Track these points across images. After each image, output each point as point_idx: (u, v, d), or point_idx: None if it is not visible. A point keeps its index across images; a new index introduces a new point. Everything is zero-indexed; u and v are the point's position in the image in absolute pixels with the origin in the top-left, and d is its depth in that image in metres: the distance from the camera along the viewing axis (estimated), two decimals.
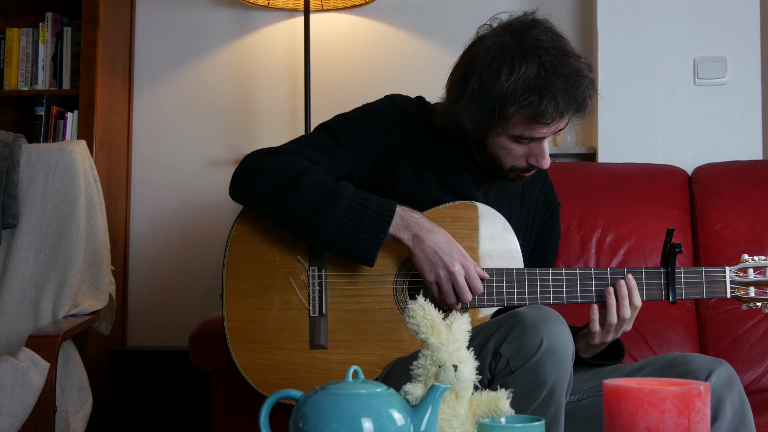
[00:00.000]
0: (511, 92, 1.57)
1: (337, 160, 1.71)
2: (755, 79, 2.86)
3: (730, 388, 1.54)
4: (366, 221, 1.60)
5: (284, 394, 1.17)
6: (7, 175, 2.29)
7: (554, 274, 1.68)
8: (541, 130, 1.63)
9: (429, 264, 1.61)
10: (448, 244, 1.62)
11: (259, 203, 1.68)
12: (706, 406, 1.07)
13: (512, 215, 1.81)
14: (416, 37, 3.18)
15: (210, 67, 3.25)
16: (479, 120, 1.63)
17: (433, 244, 1.61)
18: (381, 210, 1.61)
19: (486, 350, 1.48)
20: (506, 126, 1.62)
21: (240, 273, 1.70)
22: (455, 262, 1.60)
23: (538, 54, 1.59)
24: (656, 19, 2.89)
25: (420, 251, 1.61)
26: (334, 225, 1.60)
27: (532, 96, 1.57)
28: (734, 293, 1.71)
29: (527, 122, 1.62)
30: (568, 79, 1.58)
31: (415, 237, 1.61)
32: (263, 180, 1.67)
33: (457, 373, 1.21)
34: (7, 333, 2.23)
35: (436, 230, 1.62)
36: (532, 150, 1.67)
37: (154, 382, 2.90)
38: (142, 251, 3.24)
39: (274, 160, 1.68)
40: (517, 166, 1.71)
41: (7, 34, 3.16)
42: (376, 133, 1.74)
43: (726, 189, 2.48)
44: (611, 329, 1.66)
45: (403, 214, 1.63)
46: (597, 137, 2.89)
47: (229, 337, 1.67)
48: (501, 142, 1.67)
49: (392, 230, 1.62)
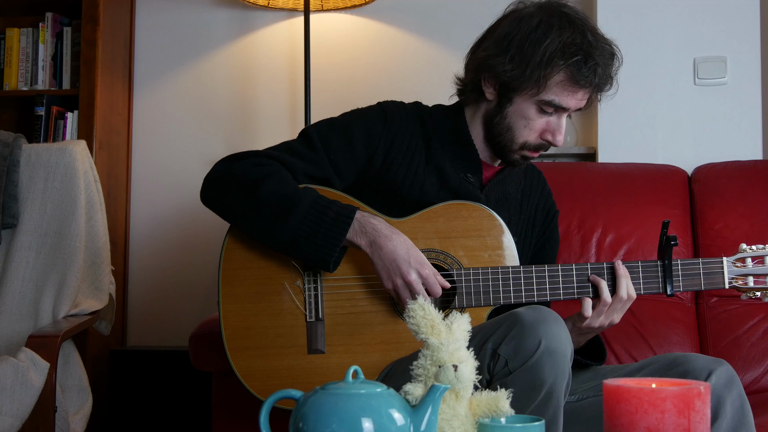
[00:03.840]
0: (560, 49, 1.63)
1: (314, 165, 1.71)
2: (755, 79, 2.86)
3: (730, 388, 1.54)
4: (324, 227, 1.59)
5: (284, 395, 1.17)
6: (7, 175, 2.29)
7: (550, 269, 1.68)
8: (572, 97, 1.67)
9: (386, 271, 1.60)
10: (407, 251, 1.60)
11: (224, 208, 1.68)
12: (706, 406, 1.07)
13: (511, 220, 1.80)
14: (416, 37, 3.17)
15: (210, 67, 3.25)
16: (519, 76, 1.65)
17: (390, 252, 1.59)
18: (339, 216, 1.60)
19: (484, 351, 1.48)
20: (544, 85, 1.65)
21: (235, 280, 1.69)
22: (411, 270, 1.59)
23: (582, 26, 1.67)
24: (656, 19, 2.89)
25: (378, 258, 1.60)
26: (292, 231, 1.60)
27: (578, 56, 1.64)
28: (732, 284, 1.70)
29: (565, 84, 1.66)
30: (604, 55, 1.67)
31: (373, 243, 1.60)
32: (228, 184, 1.67)
33: (457, 373, 1.21)
34: (7, 333, 2.23)
35: (395, 237, 1.60)
36: (550, 124, 1.70)
37: (154, 382, 2.90)
38: (142, 251, 3.24)
39: (241, 164, 1.68)
40: (529, 142, 1.72)
41: (7, 34, 3.16)
42: (358, 138, 1.74)
43: (726, 189, 2.48)
44: (603, 311, 1.65)
45: (363, 219, 1.61)
46: (597, 137, 2.89)
47: (227, 345, 1.67)
48: (525, 108, 1.69)
49: (350, 236, 1.60)
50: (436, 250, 1.70)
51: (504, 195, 1.82)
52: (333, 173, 1.73)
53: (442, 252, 1.70)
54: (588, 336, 1.72)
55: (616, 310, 1.66)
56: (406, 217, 1.71)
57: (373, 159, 1.74)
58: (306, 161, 1.70)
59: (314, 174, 1.71)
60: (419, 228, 1.70)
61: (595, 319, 1.65)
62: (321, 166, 1.72)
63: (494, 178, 1.80)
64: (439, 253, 1.70)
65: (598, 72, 1.66)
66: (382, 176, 1.74)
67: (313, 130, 1.76)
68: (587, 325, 1.66)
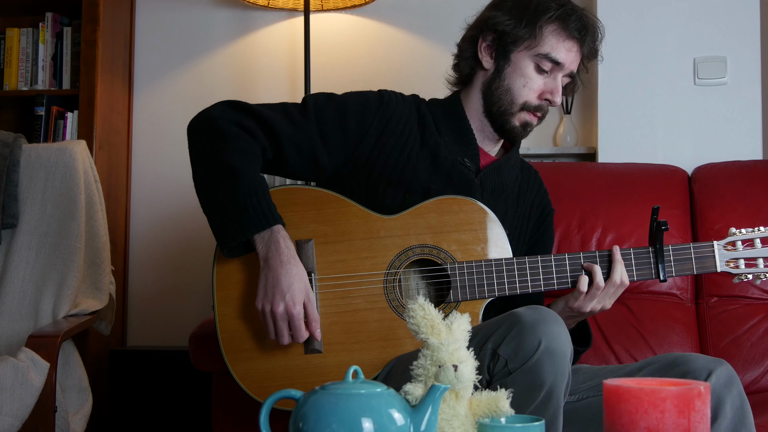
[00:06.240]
0: (550, 1, 1.77)
1: (302, 133, 1.73)
2: (755, 79, 2.86)
3: (730, 388, 1.54)
4: (243, 214, 1.60)
5: (284, 395, 1.17)
6: (7, 175, 2.29)
7: (543, 260, 1.70)
8: (565, 50, 1.76)
9: (263, 291, 1.60)
10: (289, 285, 1.58)
11: (191, 145, 1.73)
12: (706, 406, 1.07)
13: (507, 213, 1.82)
14: (416, 37, 3.18)
15: (210, 67, 3.25)
16: (515, 25, 1.76)
17: (275, 276, 1.59)
18: (262, 216, 1.61)
19: (484, 351, 1.48)
20: (540, 36, 1.74)
21: (230, 283, 1.69)
22: (281, 303, 1.58)
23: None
24: (656, 19, 2.89)
25: (264, 276, 1.61)
26: (217, 197, 1.63)
27: (567, 5, 1.77)
28: (724, 267, 1.72)
29: (557, 33, 1.75)
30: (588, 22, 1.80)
31: (266, 261, 1.60)
32: (206, 126, 1.72)
33: (457, 373, 1.21)
34: (7, 333, 2.23)
35: (289, 267, 1.59)
36: (548, 84, 1.77)
37: (154, 382, 2.90)
38: (142, 251, 3.24)
39: (231, 117, 1.71)
40: (529, 102, 1.77)
41: (7, 34, 3.16)
42: (352, 115, 1.76)
43: (726, 189, 2.48)
44: (596, 294, 1.67)
45: (276, 236, 1.61)
46: (597, 137, 2.89)
47: (224, 348, 1.67)
48: (524, 66, 1.76)
49: (256, 238, 1.61)
50: (428, 245, 1.70)
51: (500, 186, 1.83)
52: (321, 145, 1.74)
53: (434, 247, 1.70)
54: (577, 320, 1.76)
55: (609, 295, 1.69)
56: (397, 213, 1.72)
57: (365, 138, 1.76)
58: (296, 127, 1.72)
59: (300, 144, 1.73)
60: (411, 224, 1.71)
61: (588, 303, 1.68)
62: (309, 136, 1.73)
63: (490, 166, 1.81)
64: (432, 248, 1.70)
65: (587, 27, 1.77)
66: (374, 158, 1.76)
67: (311, 99, 1.79)
68: (578, 308, 1.69)
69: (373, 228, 1.71)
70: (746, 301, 2.37)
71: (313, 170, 1.77)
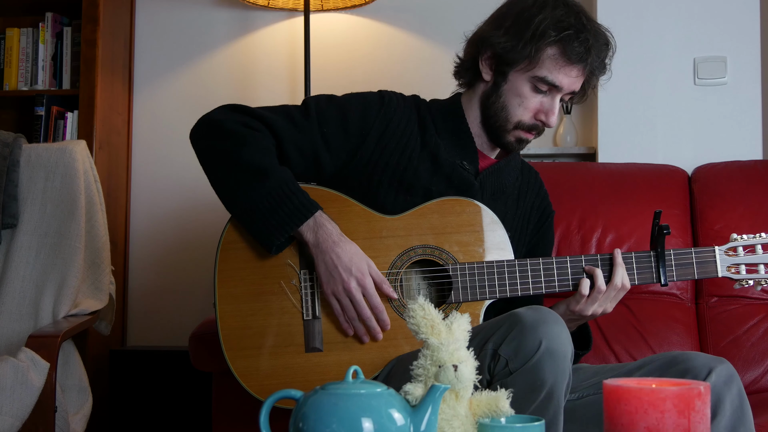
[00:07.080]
0: (552, 24, 1.68)
1: (304, 135, 1.73)
2: (755, 79, 2.86)
3: (729, 386, 1.54)
4: (283, 210, 1.61)
5: (284, 395, 1.17)
6: (7, 175, 2.29)
7: (545, 262, 1.70)
8: (565, 75, 1.70)
9: (327, 276, 1.62)
10: (350, 259, 1.61)
11: (204, 154, 1.71)
12: (706, 406, 1.07)
13: (507, 214, 1.82)
14: (416, 37, 3.18)
15: (210, 67, 3.25)
16: (512, 48, 1.70)
17: (334, 258, 1.61)
18: (301, 206, 1.62)
19: (485, 351, 1.48)
20: (537, 60, 1.69)
21: (231, 280, 1.69)
22: (351, 278, 1.61)
23: (576, 10, 1.72)
24: (656, 19, 2.89)
25: (321, 261, 1.62)
26: (253, 201, 1.62)
27: (570, 30, 1.68)
28: (725, 273, 1.72)
29: (557, 59, 1.69)
30: (598, 38, 1.71)
31: (318, 246, 1.62)
32: (216, 133, 1.70)
33: (457, 373, 1.21)
34: (7, 333, 2.23)
35: (342, 244, 1.62)
36: (544, 105, 1.73)
37: (154, 382, 2.90)
38: (142, 251, 3.24)
39: (236, 118, 1.70)
40: (523, 121, 1.74)
41: (7, 34, 3.16)
42: (354, 116, 1.76)
43: (726, 189, 2.48)
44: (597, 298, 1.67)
45: (319, 220, 1.63)
46: (597, 137, 2.89)
47: (224, 345, 1.67)
48: (519, 86, 1.72)
49: (302, 229, 1.62)
50: (430, 246, 1.70)
51: (500, 188, 1.83)
52: (323, 146, 1.74)
53: (436, 248, 1.70)
54: (578, 323, 1.76)
55: (610, 298, 1.69)
56: (399, 214, 1.72)
57: (367, 139, 1.75)
58: (298, 129, 1.72)
59: (302, 146, 1.73)
60: (413, 225, 1.71)
61: (589, 306, 1.68)
62: (311, 137, 1.73)
63: (489, 168, 1.81)
64: (434, 249, 1.70)
65: (590, 50, 1.69)
66: (376, 159, 1.75)
67: (312, 100, 1.79)
68: (580, 311, 1.69)
69: (375, 228, 1.71)
70: (746, 301, 2.37)
71: (315, 171, 1.76)
